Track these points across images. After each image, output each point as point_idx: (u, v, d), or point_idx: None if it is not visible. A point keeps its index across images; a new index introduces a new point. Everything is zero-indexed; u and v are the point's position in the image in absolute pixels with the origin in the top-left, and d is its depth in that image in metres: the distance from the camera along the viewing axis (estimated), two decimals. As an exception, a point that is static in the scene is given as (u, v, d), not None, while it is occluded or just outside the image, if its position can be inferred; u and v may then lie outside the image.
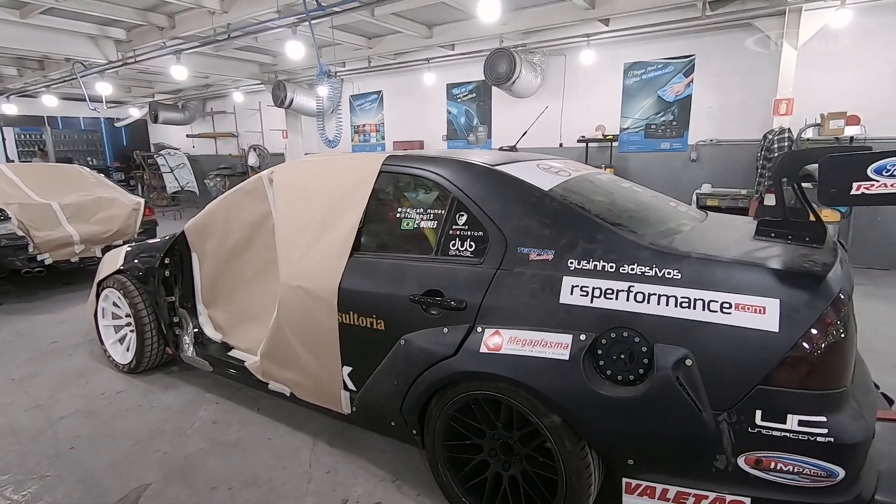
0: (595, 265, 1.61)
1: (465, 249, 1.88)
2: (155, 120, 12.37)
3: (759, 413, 1.37)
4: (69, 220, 5.21)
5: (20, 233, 4.84)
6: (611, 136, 7.01)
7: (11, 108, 11.40)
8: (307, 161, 2.58)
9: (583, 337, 1.54)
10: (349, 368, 2.13)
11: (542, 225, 1.76)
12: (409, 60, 8.27)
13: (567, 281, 1.62)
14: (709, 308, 1.43)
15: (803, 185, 1.72)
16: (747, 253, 1.62)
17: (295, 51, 5.72)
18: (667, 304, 1.47)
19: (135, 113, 13.24)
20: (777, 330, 1.36)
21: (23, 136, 13.60)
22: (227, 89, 11.32)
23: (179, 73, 6.99)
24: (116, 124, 14.15)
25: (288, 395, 2.41)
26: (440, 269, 1.89)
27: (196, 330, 3.03)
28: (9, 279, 5.24)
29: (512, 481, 1.78)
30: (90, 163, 13.77)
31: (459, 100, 8.65)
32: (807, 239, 1.69)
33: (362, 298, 2.03)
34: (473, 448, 1.84)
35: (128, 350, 3.25)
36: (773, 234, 1.75)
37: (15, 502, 2.04)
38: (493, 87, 7.93)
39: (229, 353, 2.83)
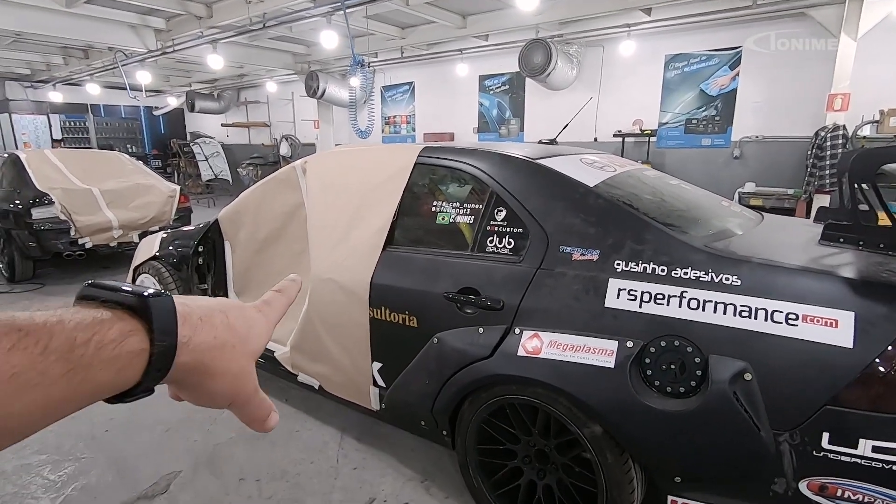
0: (644, 268, 1.51)
1: (504, 247, 1.80)
2: (191, 109, 12.63)
3: (826, 436, 1.25)
4: (109, 205, 5.34)
5: (63, 217, 4.99)
6: (648, 131, 6.77)
7: (57, 96, 11.81)
8: (341, 152, 2.54)
9: (629, 344, 1.44)
10: (379, 364, 2.09)
11: (586, 223, 1.66)
12: (442, 51, 8.17)
13: (613, 283, 1.53)
14: (772, 319, 1.31)
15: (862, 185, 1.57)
16: (815, 259, 1.49)
17: (329, 40, 5.70)
18: (724, 313, 1.36)
19: (172, 102, 13.55)
20: (850, 345, 1.23)
21: (68, 123, 14.09)
22: (261, 79, 11.44)
23: (216, 62, 7.07)
24: (155, 112, 14.51)
25: (317, 388, 2.39)
26: (476, 266, 1.81)
27: (227, 318, 3.05)
28: (52, 262, 5.42)
29: (547, 490, 1.70)
30: (129, 150, 14.16)
31: (492, 92, 8.50)
32: (881, 245, 1.55)
33: (395, 294, 1.97)
34: (507, 454, 1.77)
35: (161, 335, 3.29)
36: (841, 240, 1.61)
37: (51, 482, 2.08)
38: (527, 80, 7.76)
39: (259, 343, 2.83)
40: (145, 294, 0.36)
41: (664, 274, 1.48)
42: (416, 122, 9.68)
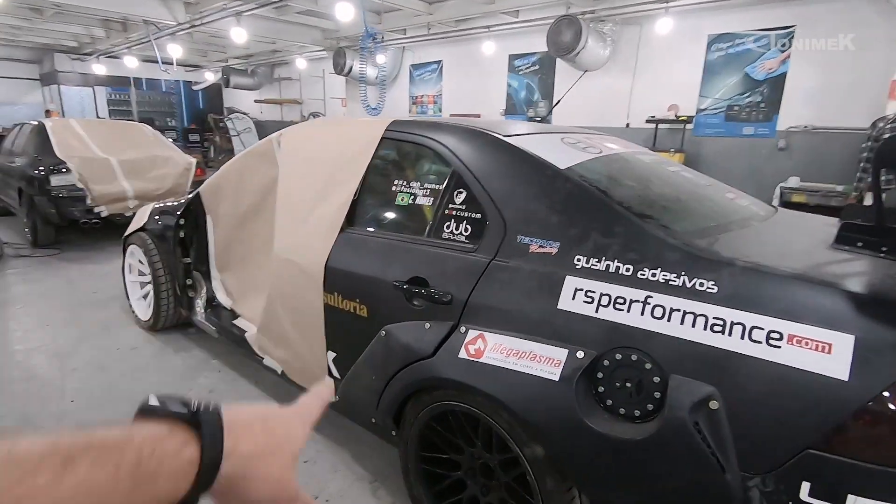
0: (607, 265, 1.28)
1: (460, 233, 1.59)
2: (226, 84, 12.81)
3: (806, 486, 1.01)
4: (125, 175, 5.40)
5: (80, 185, 5.08)
6: (685, 118, 6.30)
7: (101, 69, 12.18)
8: (315, 124, 2.38)
9: (580, 354, 1.22)
10: (333, 354, 1.94)
11: (549, 210, 1.44)
12: (470, 28, 7.85)
13: (570, 282, 1.30)
14: (750, 337, 1.06)
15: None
16: (817, 266, 1.22)
17: (344, 12, 5.52)
18: (692, 325, 1.12)
19: (210, 77, 13.78)
20: (846, 377, 0.98)
21: (113, 96, 14.57)
22: (293, 55, 11.42)
23: (239, 35, 7.03)
24: (193, 87, 14.84)
25: (279, 373, 2.27)
26: (429, 254, 1.62)
27: (210, 294, 2.98)
28: (72, 229, 5.55)
29: (489, 509, 1.52)
30: (168, 123, 14.57)
31: (521, 72, 8.14)
32: (909, 253, 1.25)
33: (347, 279, 1.81)
34: (450, 464, 1.59)
35: (149, 307, 3.27)
36: (859, 243, 1.32)
37: None
38: (558, 60, 7.37)
39: (235, 322, 2.74)
40: (197, 408, 0.40)
41: (629, 274, 1.24)
42: (442, 103, 9.42)
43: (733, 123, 6.21)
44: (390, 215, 1.88)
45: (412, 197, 1.79)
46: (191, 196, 2.89)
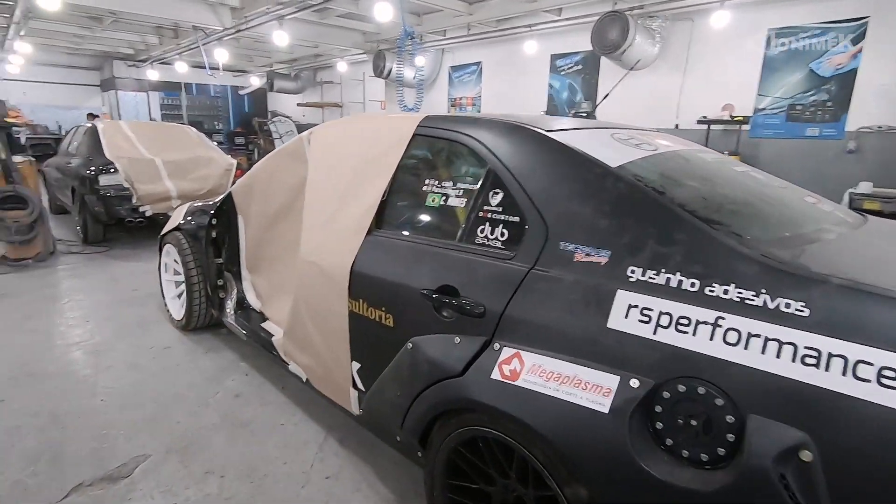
0: (668, 279, 1.09)
1: (495, 238, 1.44)
2: (271, 88, 13.10)
3: (930, 567, 0.79)
4: (169, 175, 5.53)
5: (126, 185, 5.22)
6: (740, 118, 5.89)
7: (154, 74, 12.72)
8: (346, 120, 2.27)
9: (635, 383, 1.04)
10: (358, 365, 1.82)
11: (598, 213, 1.26)
12: (511, 28, 7.66)
13: (622, 297, 1.12)
14: (854, 373, 0.86)
15: None
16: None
17: (383, 13, 5.46)
18: (777, 356, 0.92)
19: (255, 82, 14.16)
20: None
21: (166, 101, 15.21)
22: (334, 59, 11.55)
23: (281, 38, 7.12)
24: (240, 92, 15.27)
25: (304, 380, 2.18)
26: (461, 260, 1.47)
27: (240, 295, 2.94)
28: (119, 227, 5.73)
29: (524, 550, 1.35)
30: (215, 127, 15.06)
31: (563, 72, 7.88)
32: None
33: (373, 285, 1.68)
34: (480, 494, 1.43)
35: (182, 307, 3.27)
36: None
37: (29, 449, 2.03)
38: (602, 59, 7.09)
39: (263, 325, 2.68)
40: None
41: (694, 290, 1.05)
42: (481, 105, 9.27)
43: (795, 124, 5.76)
44: (420, 217, 1.74)
45: (444, 198, 1.65)
46: (223, 196, 2.86)
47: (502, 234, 1.43)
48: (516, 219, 1.40)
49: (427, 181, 1.73)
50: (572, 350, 1.15)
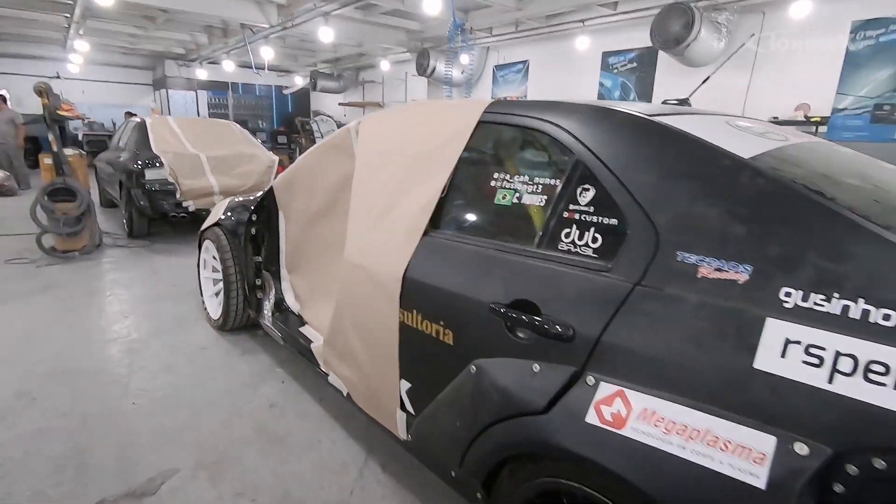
0: (845, 307, 0.80)
1: (585, 244, 1.17)
2: (314, 88, 13.19)
3: None
4: (212, 171, 5.51)
5: (170, 179, 5.22)
6: (817, 119, 5.38)
7: (203, 73, 13.02)
8: (399, 109, 2.06)
9: (802, 449, 0.76)
10: (408, 384, 1.59)
11: (731, 217, 0.98)
12: (562, 23, 7.34)
13: (775, 327, 0.84)
14: None
15: None
16: None
17: (432, 6, 5.27)
18: None
19: (299, 81, 14.31)
20: None
21: (213, 100, 15.60)
22: (377, 58, 11.48)
23: (326, 35, 7.05)
24: (284, 92, 15.50)
25: (344, 395, 1.97)
26: (541, 269, 1.21)
27: (279, 296, 2.77)
28: (163, 221, 5.76)
29: None
30: (259, 125, 15.31)
31: (616, 70, 7.49)
32: None
33: (430, 295, 1.45)
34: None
35: (220, 305, 3.14)
36: None
37: (54, 457, 1.91)
38: (660, 56, 6.68)
39: (302, 329, 2.49)
40: None
41: (889, 325, 0.76)
42: (527, 104, 8.95)
43: (882, 126, 5.20)
44: (487, 217, 1.50)
45: (516, 194, 1.40)
46: (264, 191, 2.70)
47: (594, 240, 1.16)
48: (613, 221, 1.14)
49: (495, 175, 1.48)
50: (702, 394, 0.88)
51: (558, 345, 1.10)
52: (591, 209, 1.19)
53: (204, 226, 3.19)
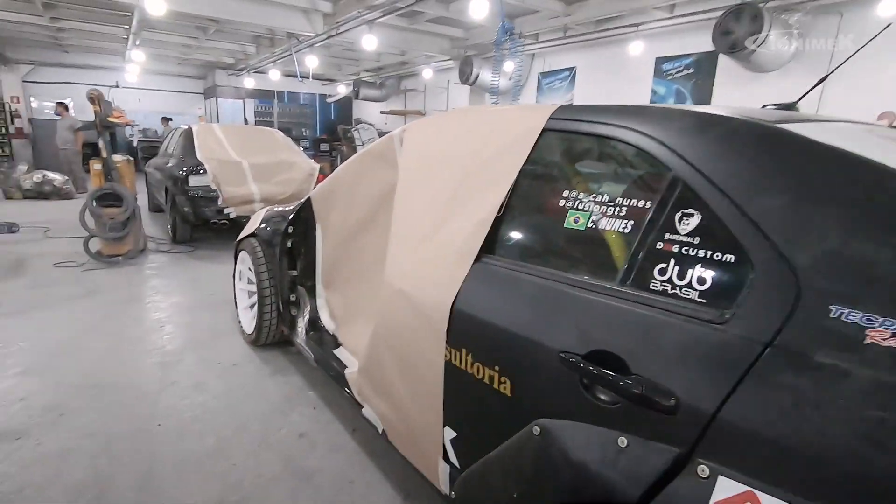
0: None
1: (688, 285, 0.92)
2: (356, 96, 13.29)
3: None
4: (254, 178, 5.50)
5: (213, 186, 5.23)
6: (903, 128, 4.84)
7: (250, 82, 13.34)
8: (449, 114, 1.86)
9: None
10: (453, 433, 1.37)
11: (914, 261, 0.71)
12: (613, 28, 7.02)
13: None
14: None
15: None
16: None
17: (478, 9, 5.08)
18: None
19: (342, 90, 14.47)
20: None
21: (260, 108, 16.00)
22: (420, 66, 11.44)
23: (369, 43, 7.00)
24: (328, 100, 15.72)
25: (379, 431, 1.77)
26: (628, 313, 0.97)
27: (314, 314, 2.61)
28: (206, 228, 5.79)
29: None
30: (303, 133, 15.58)
31: (670, 76, 7.09)
32: None
33: (483, 333, 1.23)
34: None
35: (253, 319, 3.02)
36: None
37: (74, 485, 1.79)
38: (720, 62, 6.26)
39: (336, 351, 2.32)
40: None
41: None
42: (573, 112, 8.63)
43: (982, 136, 4.62)
44: (554, 243, 1.28)
45: (592, 217, 1.16)
46: (302, 201, 2.56)
47: (700, 281, 0.91)
48: (729, 257, 0.89)
49: (564, 193, 1.25)
50: (888, 519, 0.62)
51: (655, 416, 0.86)
52: (696, 240, 0.94)
53: (241, 235, 3.10)
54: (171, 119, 12.57)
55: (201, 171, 5.25)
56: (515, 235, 1.35)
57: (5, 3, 8.30)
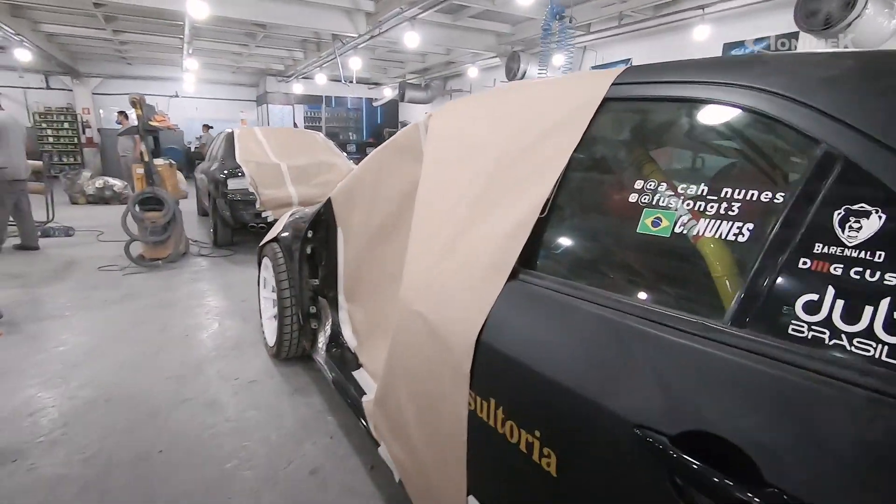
0: None
1: (869, 331, 0.54)
2: (402, 99, 13.15)
3: None
4: (292, 181, 5.37)
5: (251, 189, 5.13)
6: None
7: (299, 88, 13.52)
8: (481, 94, 1.52)
9: None
10: (476, 502, 1.03)
11: None
12: (674, 12, 6.43)
13: None
14: None
15: None
16: None
17: (526, -4, 4.71)
18: None
19: (388, 93, 14.41)
20: None
21: (309, 113, 16.25)
22: (465, 65, 11.15)
23: (412, 40, 6.77)
24: (374, 104, 15.73)
25: (397, 480, 1.46)
26: (750, 373, 0.60)
27: (335, 328, 2.34)
28: (248, 232, 5.72)
29: None
30: (350, 138, 15.66)
31: (740, 64, 6.40)
32: None
33: (519, 379, 0.88)
34: None
35: (275, 331, 2.80)
36: None
37: (57, 520, 1.59)
38: (800, 44, 5.54)
39: (355, 373, 2.03)
40: None
41: None
42: (628, 107, 8.05)
43: None
44: (623, 256, 0.91)
45: (681, 219, 0.79)
46: (322, 203, 2.30)
47: (891, 325, 0.53)
48: (951, 288, 0.50)
49: (636, 185, 0.88)
50: None
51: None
52: (877, 256, 0.56)
53: (263, 241, 2.89)
54: (212, 126, 12.93)
55: (240, 174, 5.18)
56: (565, 243, 0.99)
57: (73, 19, 8.74)
